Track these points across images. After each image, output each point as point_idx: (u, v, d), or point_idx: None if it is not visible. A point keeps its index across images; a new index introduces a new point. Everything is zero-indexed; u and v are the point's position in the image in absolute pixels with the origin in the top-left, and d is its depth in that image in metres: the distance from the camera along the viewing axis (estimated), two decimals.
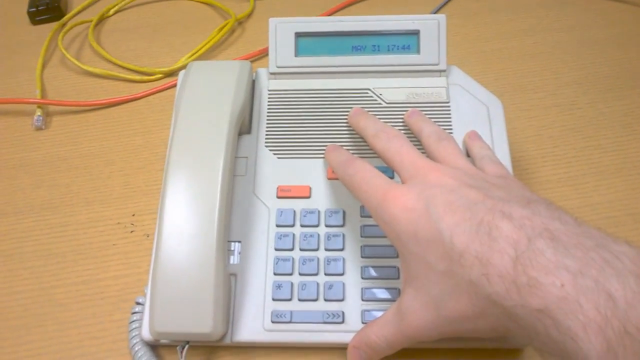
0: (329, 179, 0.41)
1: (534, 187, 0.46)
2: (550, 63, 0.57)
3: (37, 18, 0.66)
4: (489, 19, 0.63)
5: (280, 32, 0.45)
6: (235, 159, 0.42)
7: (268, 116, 0.44)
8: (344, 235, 0.39)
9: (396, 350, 0.34)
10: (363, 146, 0.42)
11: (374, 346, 0.34)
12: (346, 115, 0.44)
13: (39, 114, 0.54)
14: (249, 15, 0.66)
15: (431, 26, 0.44)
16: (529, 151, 0.49)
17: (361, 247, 0.39)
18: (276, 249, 0.39)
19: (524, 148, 0.50)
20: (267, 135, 0.43)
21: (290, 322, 0.37)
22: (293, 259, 0.39)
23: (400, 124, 0.43)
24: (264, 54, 0.60)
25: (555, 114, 0.52)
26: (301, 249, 0.39)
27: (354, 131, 0.43)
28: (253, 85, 0.46)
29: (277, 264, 0.39)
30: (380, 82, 0.45)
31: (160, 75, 0.59)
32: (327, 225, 0.40)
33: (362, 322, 0.37)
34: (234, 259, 0.39)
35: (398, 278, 0.38)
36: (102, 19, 0.66)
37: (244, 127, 0.43)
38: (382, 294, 0.37)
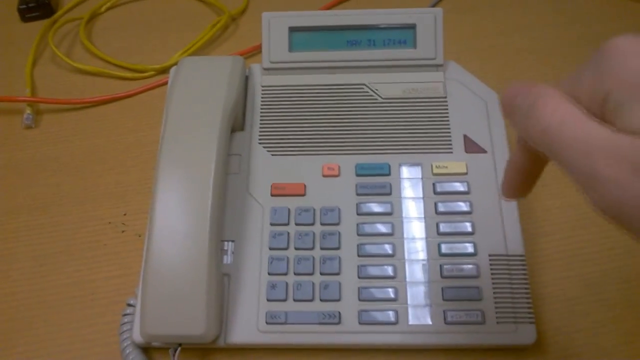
0: (324, 176, 0.41)
1: None
2: (548, 59, 0.57)
3: (27, 15, 0.65)
4: (487, 15, 0.62)
5: (274, 26, 0.44)
6: (228, 157, 0.41)
7: (262, 113, 0.43)
8: (339, 234, 0.39)
9: (527, 152, 0.26)
10: (361, 143, 0.41)
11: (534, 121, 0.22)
12: (341, 111, 0.43)
13: (29, 112, 0.53)
14: (243, 12, 0.65)
15: (428, 20, 0.43)
16: None
17: (357, 245, 0.38)
18: (270, 248, 0.38)
19: None
20: (260, 132, 0.43)
21: (285, 323, 0.36)
22: (288, 258, 0.38)
23: (397, 120, 0.42)
24: (257, 50, 0.59)
25: None
26: (296, 248, 0.38)
27: (349, 128, 0.42)
28: (246, 81, 0.45)
29: (271, 263, 0.38)
30: (376, 77, 0.44)
31: (153, 73, 0.58)
32: (322, 224, 0.39)
33: (359, 323, 0.36)
34: (227, 259, 0.38)
35: (395, 277, 0.37)
36: (93, 16, 0.65)
37: (237, 123, 0.43)
38: (380, 293, 0.37)
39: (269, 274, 0.37)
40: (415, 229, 0.39)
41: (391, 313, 0.36)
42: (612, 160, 0.19)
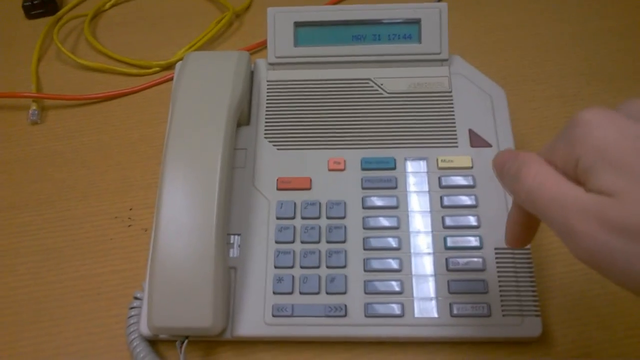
0: (330, 170, 0.41)
1: None
2: (552, 54, 0.57)
3: (32, 12, 0.65)
4: (491, 10, 0.62)
5: (279, 21, 0.44)
6: (234, 151, 0.41)
7: (267, 107, 0.44)
8: (345, 227, 0.39)
9: (517, 209, 0.28)
10: (366, 137, 0.42)
11: (520, 180, 0.25)
12: (347, 105, 0.43)
13: (34, 108, 0.54)
14: (247, 8, 0.65)
15: (432, 15, 0.43)
16: (532, 142, 0.49)
17: (363, 239, 0.38)
18: (277, 242, 0.38)
19: (527, 139, 0.49)
20: (266, 126, 0.43)
21: (291, 315, 0.36)
22: (294, 251, 0.38)
23: (402, 114, 0.42)
24: (262, 47, 0.59)
25: (558, 105, 0.52)
26: (302, 242, 0.38)
27: (354, 122, 0.42)
28: (252, 76, 0.45)
29: (277, 256, 0.38)
30: (382, 72, 0.44)
31: (158, 69, 0.58)
32: (328, 217, 0.39)
33: (365, 316, 0.36)
34: (233, 252, 0.38)
35: (401, 270, 0.37)
36: (98, 13, 0.65)
37: (243, 118, 0.43)
38: (385, 286, 0.37)
39: (275, 267, 0.38)
40: (420, 223, 0.39)
41: (397, 306, 0.36)
42: (583, 217, 0.22)
